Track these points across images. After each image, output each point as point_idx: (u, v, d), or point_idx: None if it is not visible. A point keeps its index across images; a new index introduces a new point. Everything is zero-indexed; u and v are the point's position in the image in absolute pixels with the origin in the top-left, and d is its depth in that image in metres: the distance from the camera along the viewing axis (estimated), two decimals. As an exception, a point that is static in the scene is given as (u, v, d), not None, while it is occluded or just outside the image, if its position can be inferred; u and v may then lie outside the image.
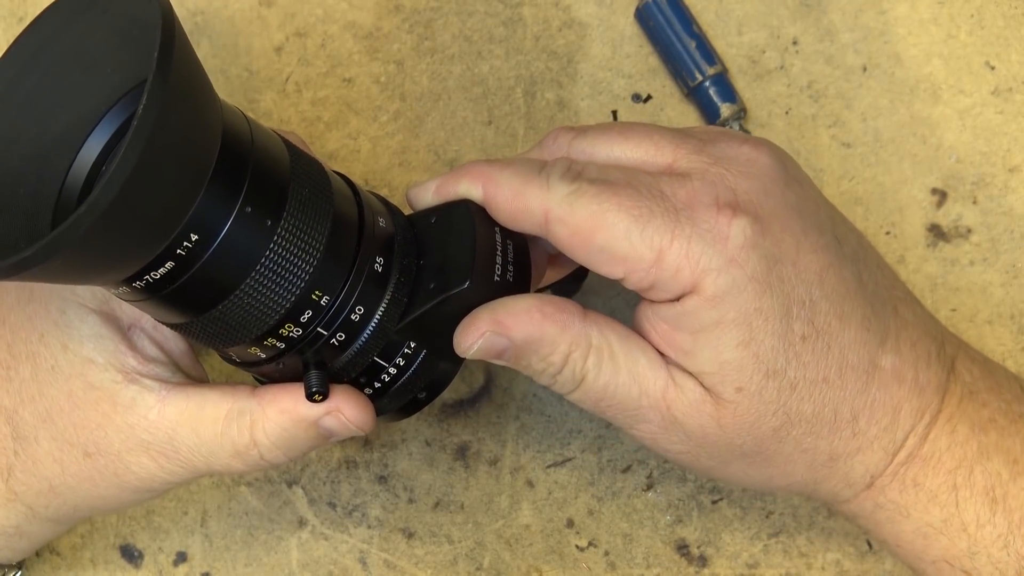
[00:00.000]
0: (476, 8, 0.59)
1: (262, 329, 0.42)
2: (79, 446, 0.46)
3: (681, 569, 0.57)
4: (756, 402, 0.42)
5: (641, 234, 0.41)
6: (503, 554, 0.57)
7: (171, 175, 0.37)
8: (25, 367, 0.47)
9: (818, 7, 0.58)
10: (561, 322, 0.43)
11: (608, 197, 0.42)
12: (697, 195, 0.42)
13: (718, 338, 0.42)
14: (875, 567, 0.56)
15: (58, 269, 0.36)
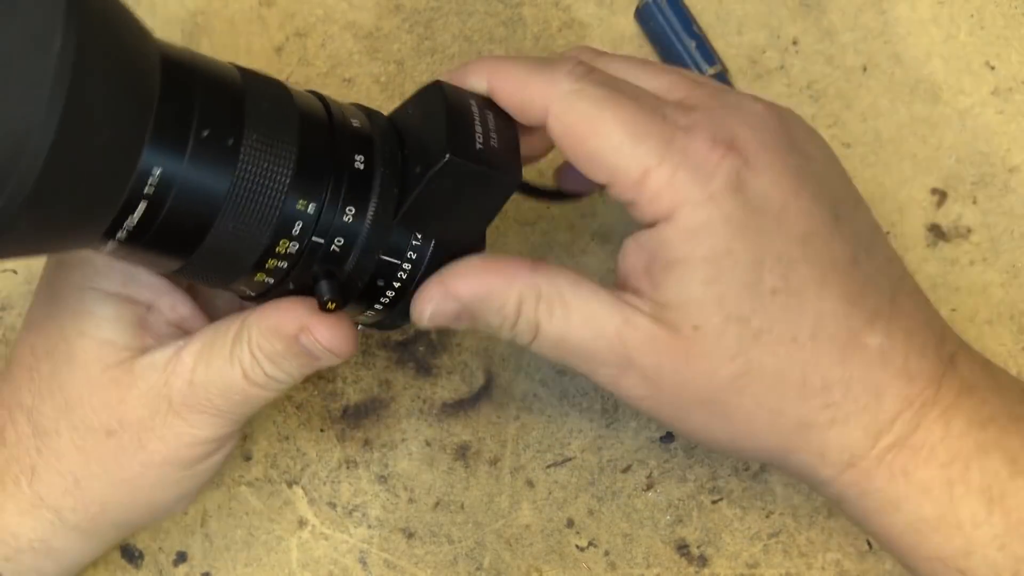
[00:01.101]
0: (476, 8, 0.59)
1: (258, 252, 0.41)
2: (101, 427, 0.46)
3: (681, 569, 0.57)
4: (712, 344, 0.42)
5: (632, 150, 0.41)
6: (503, 554, 0.57)
7: (109, 113, 0.36)
8: (46, 364, 0.47)
9: (818, 7, 0.58)
10: (507, 275, 0.43)
11: (609, 105, 0.42)
12: (696, 127, 0.42)
13: (685, 272, 0.41)
14: (875, 567, 0.56)
15: (24, 237, 0.35)
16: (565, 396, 0.57)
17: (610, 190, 0.43)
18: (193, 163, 0.39)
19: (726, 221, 0.41)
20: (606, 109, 0.42)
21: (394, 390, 0.57)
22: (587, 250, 0.58)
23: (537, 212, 0.58)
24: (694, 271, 0.41)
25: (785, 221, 0.42)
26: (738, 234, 0.41)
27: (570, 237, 0.58)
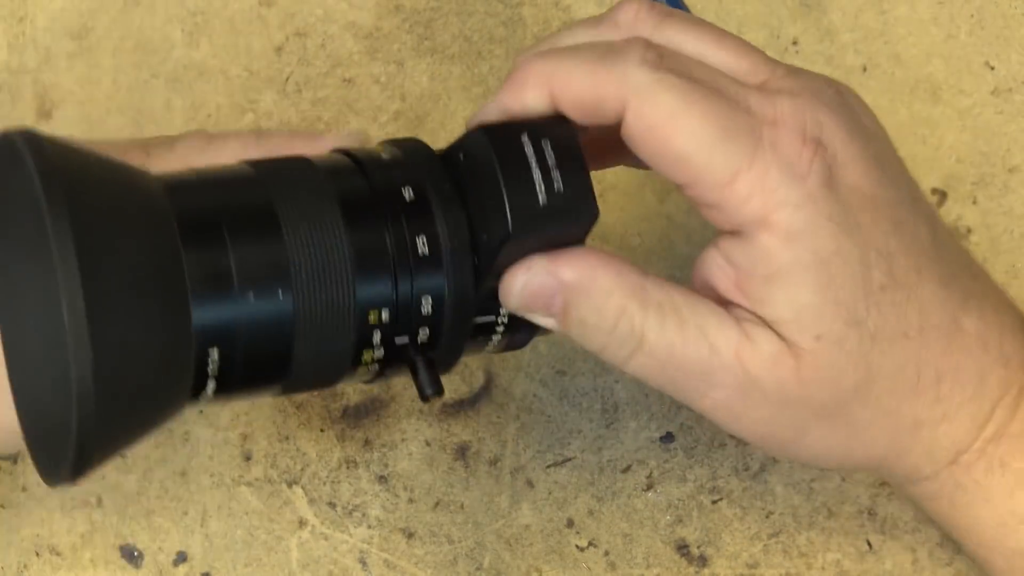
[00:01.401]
0: (476, 8, 0.59)
1: (346, 365, 0.39)
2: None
3: (681, 569, 0.57)
4: (837, 352, 0.39)
5: (723, 149, 0.37)
6: (503, 554, 0.57)
7: (141, 314, 0.34)
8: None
9: (818, 7, 0.58)
10: (616, 270, 0.39)
11: (696, 98, 0.38)
12: (785, 120, 0.38)
13: (794, 281, 0.38)
14: (875, 567, 0.56)
15: (112, 445, 0.34)
16: (565, 396, 0.57)
17: (689, 191, 0.39)
18: (249, 326, 0.37)
19: (829, 219, 0.38)
20: (692, 103, 0.37)
21: (394, 390, 0.57)
22: (587, 250, 0.58)
23: (537, 212, 0.58)
24: (804, 277, 0.38)
25: (878, 212, 0.39)
26: (842, 232, 0.38)
27: (570, 237, 0.58)
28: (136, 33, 0.60)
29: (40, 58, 0.61)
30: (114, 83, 0.60)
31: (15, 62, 0.61)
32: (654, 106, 0.38)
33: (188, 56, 0.60)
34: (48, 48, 0.61)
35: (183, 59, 0.60)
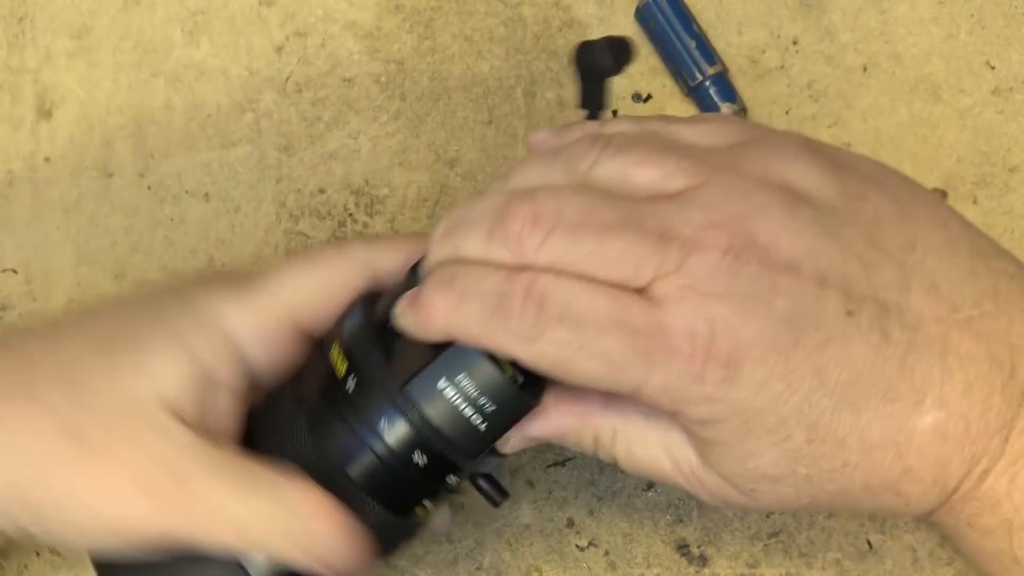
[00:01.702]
0: (476, 8, 0.59)
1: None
2: (79, 434, 0.42)
3: (681, 569, 0.57)
4: (776, 494, 0.42)
5: (613, 376, 0.40)
6: (503, 554, 0.57)
7: None
8: (86, 354, 0.44)
9: (818, 7, 0.58)
10: (581, 415, 0.45)
11: (573, 346, 0.40)
12: (669, 328, 0.40)
13: (720, 453, 0.42)
14: (875, 567, 0.56)
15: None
16: (565, 396, 0.57)
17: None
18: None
19: (735, 411, 0.40)
20: (573, 351, 0.40)
21: (394, 390, 0.57)
22: (587, 250, 0.58)
23: (537, 212, 0.58)
24: (726, 452, 0.41)
25: (791, 370, 0.40)
26: (752, 416, 0.40)
27: (570, 237, 0.58)
28: (136, 33, 0.60)
29: (40, 58, 0.61)
30: (114, 83, 0.60)
31: (15, 62, 0.61)
32: (542, 357, 0.41)
33: (188, 56, 0.60)
34: (48, 48, 0.61)
35: (183, 59, 0.60)
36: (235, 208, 0.60)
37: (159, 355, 0.43)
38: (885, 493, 0.42)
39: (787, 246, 0.40)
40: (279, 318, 0.45)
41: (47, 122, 0.61)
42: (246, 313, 0.44)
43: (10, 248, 0.60)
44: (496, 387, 0.43)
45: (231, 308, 0.44)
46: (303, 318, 0.45)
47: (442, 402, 0.43)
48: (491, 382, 0.43)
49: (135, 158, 0.60)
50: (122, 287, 0.60)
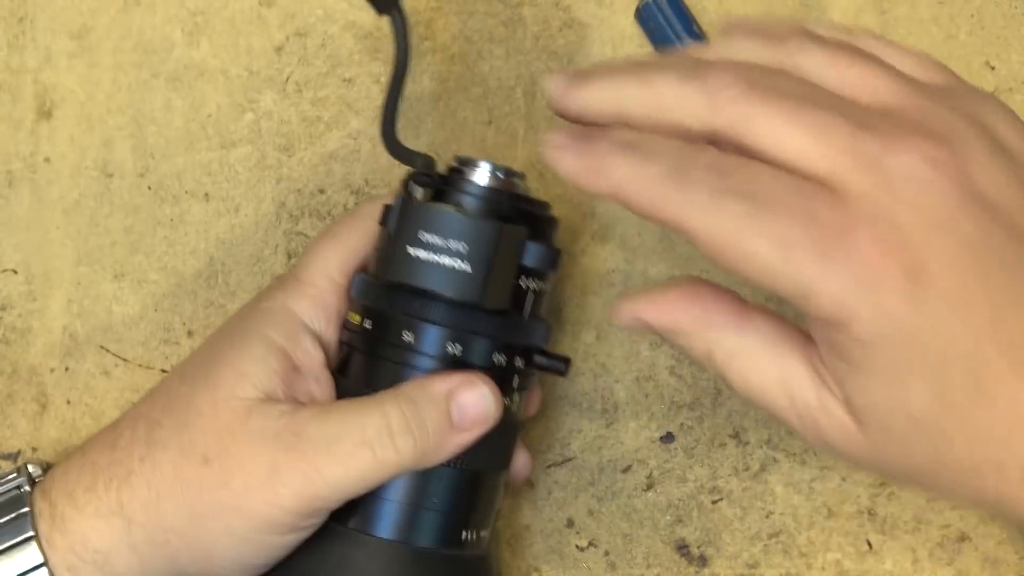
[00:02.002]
0: (476, 8, 0.59)
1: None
2: (201, 452, 0.46)
3: (681, 569, 0.57)
4: (903, 446, 0.40)
5: (784, 267, 0.38)
6: (503, 554, 0.57)
7: None
8: (186, 386, 0.48)
9: (818, 7, 0.58)
10: (703, 320, 0.42)
11: (749, 222, 0.38)
12: (854, 225, 0.37)
13: (867, 379, 0.39)
14: (875, 567, 0.56)
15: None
16: (565, 396, 0.57)
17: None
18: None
19: (901, 332, 0.37)
20: (746, 228, 0.38)
21: (394, 390, 0.57)
22: (587, 250, 0.58)
23: (537, 212, 0.58)
24: (876, 379, 0.38)
25: (969, 314, 0.38)
26: (915, 344, 0.38)
27: (570, 237, 0.58)
28: (136, 33, 0.60)
29: (40, 58, 0.61)
30: (114, 83, 0.60)
31: (15, 62, 0.61)
32: (711, 230, 0.39)
33: (188, 56, 0.60)
34: (48, 48, 0.61)
35: (183, 59, 0.60)
36: (235, 208, 0.60)
37: (247, 357, 0.48)
38: (1012, 480, 0.39)
39: (988, 184, 0.38)
40: (326, 290, 0.50)
41: (47, 122, 0.61)
42: (304, 301, 0.50)
43: (10, 248, 0.60)
44: (455, 224, 0.46)
45: (291, 300, 0.50)
46: (340, 278, 0.50)
47: (418, 265, 0.46)
48: (447, 223, 0.46)
49: (135, 158, 0.60)
50: (122, 287, 0.60)
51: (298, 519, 0.46)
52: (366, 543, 0.47)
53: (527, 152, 0.58)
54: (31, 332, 0.60)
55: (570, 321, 0.58)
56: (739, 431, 0.57)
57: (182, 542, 0.47)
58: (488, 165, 0.49)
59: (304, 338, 0.49)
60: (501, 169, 0.49)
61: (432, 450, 0.46)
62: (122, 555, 0.47)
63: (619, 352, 0.57)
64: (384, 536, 0.47)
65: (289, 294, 0.50)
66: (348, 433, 0.46)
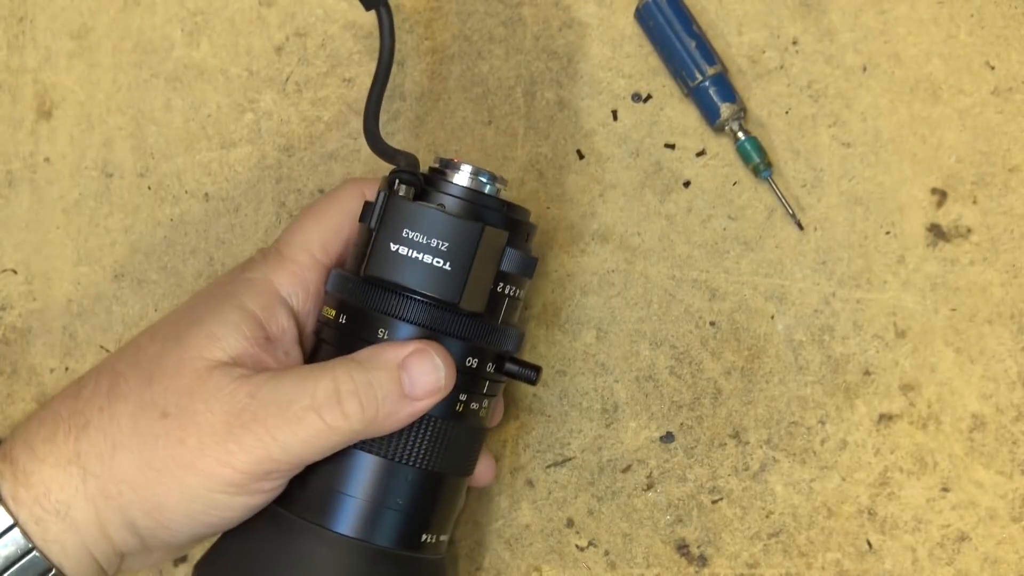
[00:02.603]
0: (476, 8, 0.59)
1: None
2: (160, 407, 0.47)
3: (681, 569, 0.57)
4: None
5: None
6: (503, 554, 0.57)
7: None
8: (158, 343, 0.49)
9: (818, 7, 0.58)
10: None
11: None
12: None
13: None
14: (875, 567, 0.56)
15: None
16: (565, 396, 0.57)
17: None
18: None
19: None
20: None
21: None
22: (587, 250, 0.58)
23: (536, 213, 0.58)
24: None
25: None
26: None
27: (570, 237, 0.58)
28: (136, 33, 0.60)
29: (40, 58, 0.61)
30: (114, 83, 0.60)
31: (15, 62, 0.61)
32: None
33: (188, 56, 0.60)
34: (48, 48, 0.61)
35: (183, 59, 0.60)
36: (235, 208, 0.60)
37: (221, 321, 0.49)
38: None
39: None
40: (306, 266, 0.51)
41: (47, 122, 0.61)
42: (284, 274, 0.51)
43: (10, 248, 0.60)
44: (439, 223, 0.46)
45: (272, 273, 0.51)
46: (321, 256, 0.52)
47: (400, 262, 0.46)
48: (432, 221, 0.46)
49: (135, 158, 0.60)
50: (122, 287, 0.60)
51: (250, 480, 0.47)
52: (327, 538, 0.47)
53: (527, 152, 0.58)
54: (31, 332, 0.60)
55: (570, 321, 0.58)
56: (739, 431, 0.57)
57: (134, 494, 0.47)
58: (470, 168, 0.49)
59: (280, 311, 0.50)
60: (483, 173, 0.49)
61: (383, 418, 0.47)
62: (81, 506, 0.47)
63: (619, 352, 0.57)
64: (344, 532, 0.47)
65: (271, 267, 0.51)
66: (298, 397, 0.46)
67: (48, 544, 0.47)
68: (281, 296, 0.51)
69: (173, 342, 0.49)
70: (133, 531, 0.48)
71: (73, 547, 0.48)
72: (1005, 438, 0.55)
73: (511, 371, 0.50)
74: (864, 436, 0.56)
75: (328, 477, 0.48)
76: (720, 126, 0.57)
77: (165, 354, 0.48)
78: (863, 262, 0.56)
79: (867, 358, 0.56)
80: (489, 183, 0.49)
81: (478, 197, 0.48)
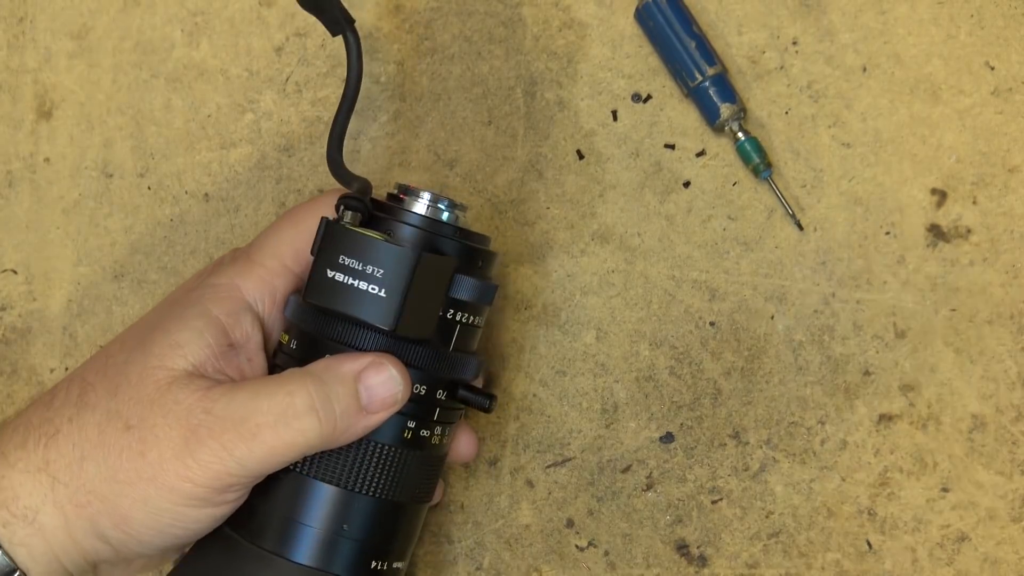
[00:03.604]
0: (476, 8, 0.59)
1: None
2: (124, 418, 0.47)
3: (681, 569, 0.57)
4: None
5: None
6: (503, 554, 0.57)
7: None
8: (124, 352, 0.50)
9: (818, 7, 0.58)
10: None
11: None
12: None
13: None
14: (875, 567, 0.56)
15: None
16: (565, 396, 0.57)
17: None
18: None
19: None
20: None
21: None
22: (587, 250, 0.58)
23: (536, 212, 0.58)
24: None
25: None
26: None
27: (570, 237, 0.58)
28: (136, 33, 0.60)
29: (40, 58, 0.61)
30: (114, 83, 0.60)
31: (15, 62, 0.61)
32: None
33: (188, 56, 0.60)
34: (48, 48, 0.61)
35: (183, 59, 0.60)
36: (235, 208, 0.60)
37: (185, 329, 0.49)
38: None
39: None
40: (275, 272, 0.51)
41: (47, 122, 0.61)
42: (252, 279, 0.51)
43: (10, 248, 0.60)
44: (373, 250, 0.46)
45: (238, 278, 0.51)
46: (292, 263, 0.51)
47: (337, 289, 0.46)
48: (366, 248, 0.46)
49: (135, 158, 0.60)
50: (122, 287, 0.60)
51: (212, 494, 0.47)
52: (283, 568, 0.47)
53: (527, 152, 0.58)
54: (31, 332, 0.60)
55: (570, 321, 0.58)
56: (739, 431, 0.57)
57: (103, 505, 0.47)
58: (428, 195, 0.49)
59: (244, 317, 0.50)
60: (443, 200, 0.49)
61: (340, 431, 0.47)
62: (49, 513, 0.48)
63: (619, 352, 0.57)
64: (300, 561, 0.48)
65: (238, 271, 0.51)
66: (253, 412, 0.46)
67: (14, 547, 0.48)
68: (247, 302, 0.51)
69: (139, 351, 0.49)
70: (104, 540, 0.48)
71: (41, 553, 0.48)
72: (1005, 438, 0.55)
73: (463, 397, 0.50)
74: (864, 436, 0.56)
75: (284, 506, 0.48)
76: (720, 126, 0.57)
77: (131, 363, 0.49)
78: (863, 262, 0.56)
79: (867, 358, 0.56)
80: (447, 210, 0.49)
81: (431, 224, 0.48)
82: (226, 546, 0.48)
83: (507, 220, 0.58)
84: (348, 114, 0.51)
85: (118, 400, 0.48)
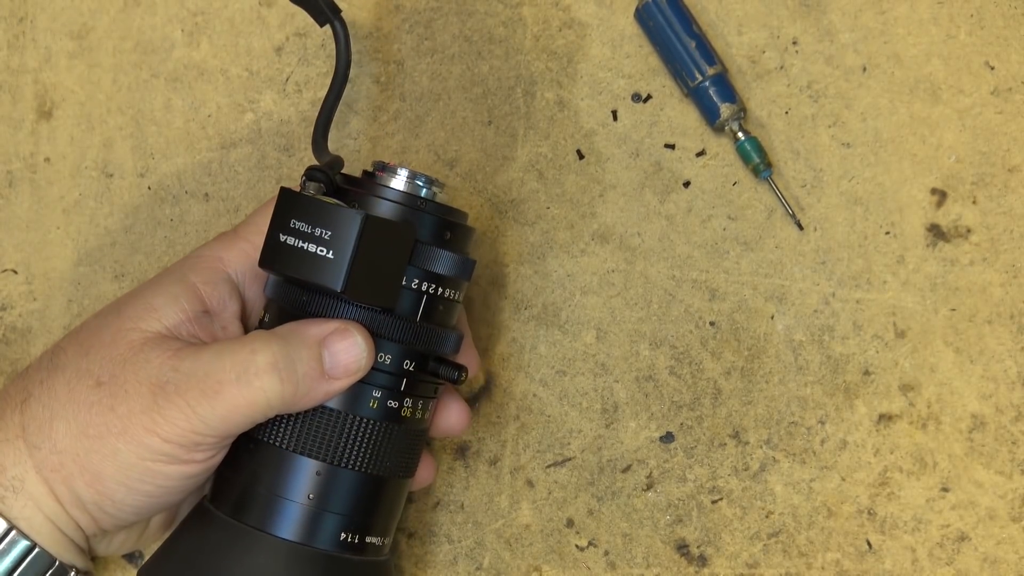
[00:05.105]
0: (476, 8, 0.59)
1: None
2: (95, 375, 0.48)
3: (681, 569, 0.57)
4: None
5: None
6: (503, 554, 0.57)
7: None
8: (100, 317, 0.50)
9: (818, 7, 0.58)
10: None
11: None
12: None
13: None
14: (875, 567, 0.56)
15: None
16: (565, 396, 0.57)
17: None
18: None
19: None
20: None
21: (394, 390, 0.57)
22: (587, 250, 0.58)
23: (536, 212, 0.58)
24: None
25: None
26: None
27: (570, 237, 0.58)
28: (136, 33, 0.60)
29: (40, 58, 0.61)
30: (114, 83, 0.60)
31: (15, 62, 0.61)
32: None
33: (188, 56, 0.60)
34: (48, 48, 0.61)
35: (183, 59, 0.60)
36: (235, 208, 0.60)
37: (160, 294, 0.50)
38: None
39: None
40: (259, 245, 0.50)
41: (47, 122, 0.61)
42: (234, 252, 0.51)
43: (10, 248, 0.60)
44: (321, 212, 0.46)
45: (222, 251, 0.51)
46: None
47: (289, 252, 0.47)
48: (314, 210, 0.46)
49: (135, 158, 0.60)
50: (122, 287, 0.60)
51: (179, 451, 0.47)
52: (268, 543, 0.47)
53: (527, 152, 0.58)
54: (31, 332, 0.60)
55: (570, 321, 0.58)
56: (739, 431, 0.57)
57: (74, 465, 0.48)
58: (406, 171, 0.49)
59: (222, 285, 0.51)
60: (420, 176, 0.49)
61: (301, 394, 0.47)
62: (33, 480, 0.48)
63: (619, 352, 0.57)
64: (284, 536, 0.48)
65: (223, 244, 0.52)
66: (217, 369, 0.47)
67: (17, 521, 0.48)
68: (226, 273, 0.51)
69: (113, 315, 0.50)
70: (82, 507, 0.48)
71: (40, 523, 0.48)
72: (1005, 438, 0.56)
73: (433, 369, 0.50)
74: (864, 436, 0.56)
75: (268, 481, 0.48)
76: (720, 126, 0.57)
77: (104, 326, 0.49)
78: (863, 262, 0.56)
79: (867, 358, 0.56)
80: (425, 186, 0.49)
81: (406, 199, 0.49)
82: (212, 524, 0.48)
83: (507, 220, 0.58)
84: (336, 101, 0.51)
85: (89, 359, 0.48)
